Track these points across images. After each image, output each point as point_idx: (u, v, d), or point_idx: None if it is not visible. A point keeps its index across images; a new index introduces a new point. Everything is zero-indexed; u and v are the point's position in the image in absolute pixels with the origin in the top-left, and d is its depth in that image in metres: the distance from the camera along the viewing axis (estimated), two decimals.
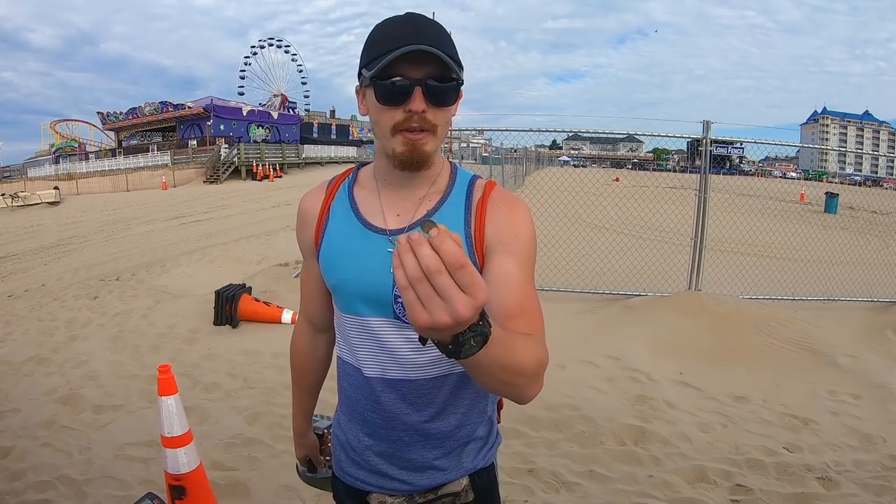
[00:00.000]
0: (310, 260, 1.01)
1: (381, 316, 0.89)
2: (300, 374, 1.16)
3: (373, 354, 0.91)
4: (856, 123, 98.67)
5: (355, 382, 0.95)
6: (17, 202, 19.63)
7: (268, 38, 51.03)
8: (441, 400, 0.92)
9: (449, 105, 0.84)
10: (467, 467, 0.96)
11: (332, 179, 1.00)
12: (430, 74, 0.80)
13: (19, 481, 2.39)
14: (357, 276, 0.89)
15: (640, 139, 8.58)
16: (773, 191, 16.67)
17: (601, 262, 5.41)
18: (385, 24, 0.83)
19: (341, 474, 1.02)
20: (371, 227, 0.91)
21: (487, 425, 0.99)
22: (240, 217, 12.50)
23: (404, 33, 0.79)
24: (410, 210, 0.91)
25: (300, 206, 1.00)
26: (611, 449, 2.65)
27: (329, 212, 0.96)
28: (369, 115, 0.87)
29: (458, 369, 0.91)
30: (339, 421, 1.03)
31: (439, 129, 0.84)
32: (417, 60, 0.78)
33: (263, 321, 4.47)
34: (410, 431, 0.92)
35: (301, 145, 34.68)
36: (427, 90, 0.80)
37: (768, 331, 3.97)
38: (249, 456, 2.58)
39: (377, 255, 0.88)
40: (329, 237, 0.94)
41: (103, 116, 40.35)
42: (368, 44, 0.83)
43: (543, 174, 18.11)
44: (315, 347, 1.13)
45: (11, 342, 4.26)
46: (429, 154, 0.85)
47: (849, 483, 2.38)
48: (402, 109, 0.81)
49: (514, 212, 0.90)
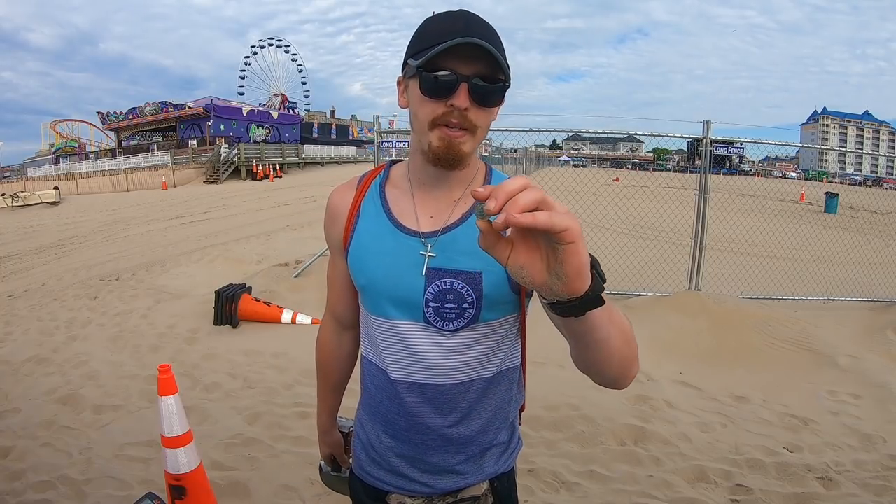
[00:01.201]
0: (338, 256, 0.99)
1: (410, 319, 0.87)
2: (326, 371, 1.14)
3: (399, 358, 0.89)
4: (856, 123, 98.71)
5: (380, 384, 0.94)
6: (17, 202, 19.62)
7: (268, 38, 51.11)
8: (466, 405, 0.90)
9: (493, 106, 0.82)
10: (488, 472, 0.95)
11: (362, 176, 0.98)
12: (478, 72, 0.77)
13: (19, 481, 2.39)
14: (387, 278, 0.87)
15: (640, 139, 8.57)
16: (773, 191, 16.67)
17: (601, 261, 5.40)
18: (437, 16, 0.82)
19: (361, 473, 1.01)
20: (403, 228, 0.89)
21: (509, 430, 0.98)
22: (240, 217, 12.49)
23: (457, 27, 0.77)
24: (445, 212, 0.88)
25: (330, 202, 0.98)
26: (611, 449, 2.65)
27: (360, 210, 0.93)
28: (409, 107, 0.84)
29: (484, 375, 0.90)
30: (361, 420, 1.02)
31: (479, 131, 0.82)
32: (467, 56, 0.76)
33: (263, 321, 4.47)
34: (434, 436, 0.91)
35: (301, 145, 34.67)
36: (473, 88, 0.78)
37: (768, 331, 3.97)
38: (249, 456, 2.58)
39: (409, 257, 0.86)
40: (359, 236, 0.91)
41: (103, 116, 40.38)
42: (418, 34, 0.82)
43: (543, 174, 18.10)
44: (341, 345, 1.11)
45: (11, 342, 4.26)
46: (465, 154, 0.82)
47: (849, 483, 2.38)
48: (444, 104, 0.78)
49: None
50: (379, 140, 5.25)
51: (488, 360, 0.90)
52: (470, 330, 0.86)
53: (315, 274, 5.42)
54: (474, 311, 0.85)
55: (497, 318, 0.87)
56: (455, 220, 0.88)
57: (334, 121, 51.50)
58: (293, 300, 4.83)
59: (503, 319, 0.88)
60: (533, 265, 0.55)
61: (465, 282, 0.84)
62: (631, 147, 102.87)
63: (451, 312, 0.85)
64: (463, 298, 0.84)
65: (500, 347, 0.90)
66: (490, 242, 0.54)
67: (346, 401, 1.18)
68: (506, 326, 0.90)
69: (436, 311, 0.85)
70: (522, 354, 0.95)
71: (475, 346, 0.88)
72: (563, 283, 0.55)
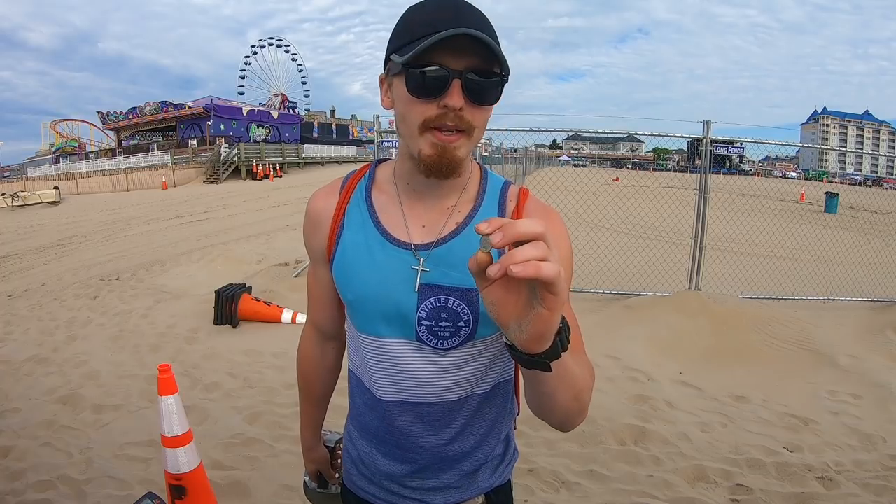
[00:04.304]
0: (320, 266, 0.92)
1: (402, 338, 0.81)
2: (308, 384, 1.08)
3: (389, 377, 0.84)
4: (856, 123, 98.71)
5: (368, 402, 0.89)
6: (18, 202, 19.63)
7: (268, 38, 50.98)
8: (461, 423, 0.86)
9: (490, 104, 0.73)
10: (483, 486, 0.91)
11: (346, 179, 0.90)
12: (472, 66, 0.69)
13: (19, 481, 2.39)
14: (377, 294, 0.81)
15: (641, 139, 8.57)
16: (773, 190, 16.65)
17: (601, 261, 5.41)
18: (422, 5, 0.73)
19: (352, 487, 0.97)
20: (393, 239, 0.81)
21: (504, 443, 0.94)
22: (240, 217, 12.49)
23: (445, 17, 0.69)
24: (438, 222, 0.82)
25: (310, 207, 0.90)
26: (611, 449, 2.65)
27: (344, 217, 0.86)
28: (395, 109, 0.76)
29: (479, 391, 0.86)
30: (351, 435, 0.97)
31: (475, 132, 0.74)
32: (458, 48, 0.68)
33: (263, 321, 4.47)
34: (427, 454, 0.87)
35: (301, 145, 34.67)
36: (466, 84, 0.69)
37: (768, 331, 3.97)
38: (249, 456, 2.58)
39: (399, 272, 0.79)
40: (344, 247, 0.84)
41: (103, 116, 40.37)
42: (401, 26, 0.74)
43: (543, 174, 18.09)
44: (324, 356, 1.05)
45: (11, 342, 4.25)
46: (460, 160, 0.74)
47: (849, 483, 2.38)
48: (435, 104, 0.70)
49: (553, 226, 0.81)
50: (379, 140, 5.25)
51: (484, 376, 0.85)
52: (465, 347, 0.81)
53: None
54: (470, 329, 0.79)
55: (493, 333, 0.81)
56: (449, 232, 0.81)
57: (334, 120, 51.45)
58: (293, 300, 4.83)
59: (499, 334, 0.82)
60: (505, 306, 0.54)
61: (460, 299, 0.78)
62: (631, 147, 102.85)
63: (445, 331, 0.79)
64: (458, 317, 0.78)
65: (496, 362, 0.86)
66: (477, 269, 0.52)
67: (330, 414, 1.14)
68: (502, 341, 0.86)
69: (429, 329, 0.79)
70: (516, 365, 0.90)
71: (471, 363, 0.83)
72: (522, 337, 0.54)
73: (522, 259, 0.47)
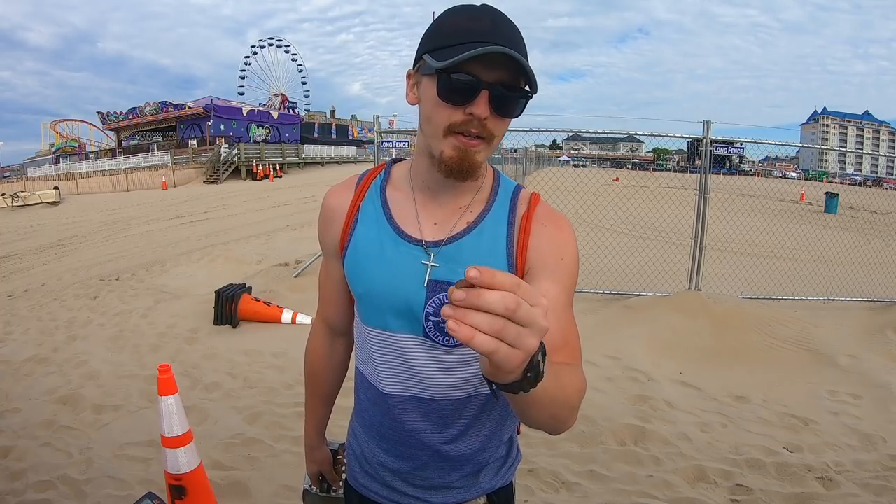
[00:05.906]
0: (332, 260, 0.95)
1: (409, 332, 0.83)
2: (315, 380, 1.08)
3: (395, 371, 0.86)
4: (856, 123, 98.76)
5: (373, 397, 0.90)
6: (18, 202, 19.62)
7: (267, 38, 51.00)
8: (464, 422, 0.87)
9: (513, 116, 0.77)
10: (485, 487, 0.92)
11: (361, 176, 0.93)
12: (501, 79, 0.72)
13: (19, 481, 2.39)
14: (387, 288, 0.83)
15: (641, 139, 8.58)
16: (773, 190, 16.65)
17: (601, 261, 5.41)
18: (460, 11, 0.75)
19: (355, 484, 0.98)
20: (405, 235, 0.84)
21: (508, 445, 0.95)
22: (240, 217, 12.49)
23: (482, 27, 0.72)
24: (450, 220, 0.84)
25: (325, 203, 0.93)
26: (611, 449, 2.65)
27: (358, 213, 0.88)
28: (420, 107, 0.79)
29: (483, 391, 0.86)
30: (355, 431, 0.98)
31: (495, 140, 0.77)
32: (490, 61, 0.71)
33: (263, 321, 4.47)
34: (429, 452, 0.88)
35: (301, 145, 34.66)
36: (494, 96, 0.72)
37: (768, 331, 3.97)
38: (249, 456, 2.58)
39: (410, 267, 0.82)
40: (357, 241, 0.86)
41: (103, 116, 40.38)
42: (438, 28, 0.76)
43: (543, 174, 18.09)
44: (332, 352, 1.06)
45: (11, 342, 4.25)
46: (479, 164, 0.78)
47: (849, 483, 2.38)
48: (462, 110, 0.73)
49: (561, 232, 0.84)
50: (379, 140, 5.25)
51: None
52: None
53: (315, 274, 5.40)
54: None
55: None
56: (460, 230, 0.83)
57: (334, 121, 51.50)
58: (293, 300, 4.84)
59: None
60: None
61: None
62: (631, 147, 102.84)
63: None
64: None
65: None
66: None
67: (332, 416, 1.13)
68: None
69: (436, 325, 0.81)
70: None
71: (475, 363, 0.83)
72: (484, 366, 0.51)
73: (471, 321, 0.43)
